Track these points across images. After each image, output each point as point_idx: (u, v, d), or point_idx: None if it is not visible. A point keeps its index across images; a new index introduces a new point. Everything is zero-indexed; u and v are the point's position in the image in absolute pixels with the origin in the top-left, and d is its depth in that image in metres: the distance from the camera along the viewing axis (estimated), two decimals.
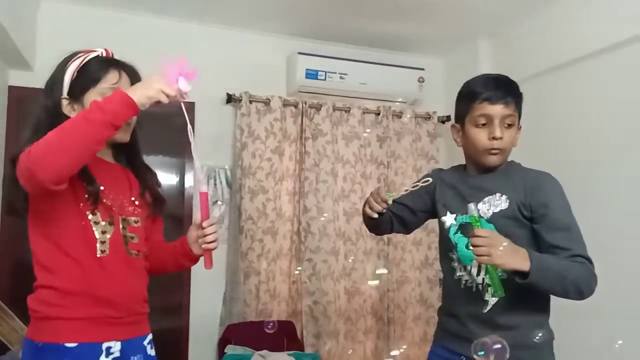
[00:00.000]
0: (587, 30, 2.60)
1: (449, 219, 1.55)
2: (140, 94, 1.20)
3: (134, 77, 1.41)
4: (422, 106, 3.52)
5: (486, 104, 1.46)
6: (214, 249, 1.39)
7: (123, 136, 1.39)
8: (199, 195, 1.36)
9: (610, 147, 2.51)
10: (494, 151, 1.47)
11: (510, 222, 1.44)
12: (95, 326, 1.31)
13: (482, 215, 1.46)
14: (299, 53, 3.17)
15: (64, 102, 1.35)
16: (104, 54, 1.41)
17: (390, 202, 1.45)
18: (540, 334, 1.40)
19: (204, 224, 1.37)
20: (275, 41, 3.31)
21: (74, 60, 1.37)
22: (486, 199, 1.48)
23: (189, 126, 1.34)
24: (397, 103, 3.43)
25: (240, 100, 3.10)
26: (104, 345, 1.32)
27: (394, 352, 3.17)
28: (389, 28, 3.20)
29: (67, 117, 1.31)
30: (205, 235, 1.37)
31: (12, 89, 2.78)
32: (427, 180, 1.51)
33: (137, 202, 1.45)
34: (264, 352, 2.67)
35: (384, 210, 1.48)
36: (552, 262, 1.35)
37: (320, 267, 3.16)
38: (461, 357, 1.50)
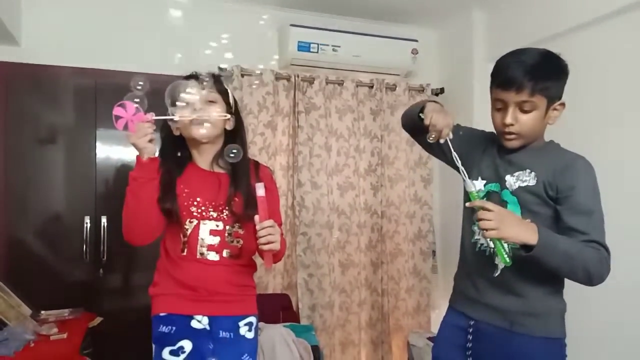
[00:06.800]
0: None
1: (479, 184, 1.56)
2: (136, 149, 1.51)
3: (199, 80, 1.60)
4: (415, 78, 3.50)
5: (499, 90, 1.44)
6: (267, 250, 1.48)
7: (197, 134, 1.59)
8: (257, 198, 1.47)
9: (609, 116, 2.50)
10: (507, 136, 1.47)
11: (533, 198, 1.44)
12: (180, 301, 1.60)
13: (507, 187, 1.48)
14: (291, 25, 3.12)
15: (173, 126, 1.62)
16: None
17: (451, 138, 1.46)
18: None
19: (257, 227, 1.46)
20: (266, 13, 3.26)
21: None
22: (516, 173, 1.48)
23: None
24: (391, 75, 3.40)
25: (232, 74, 3.07)
26: (194, 316, 1.60)
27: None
28: None
29: (180, 139, 1.65)
30: (259, 237, 1.47)
31: None
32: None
33: (220, 207, 1.62)
34: (261, 324, 2.69)
35: (431, 139, 1.48)
36: (562, 241, 1.34)
37: (315, 241, 3.18)
38: (471, 321, 1.54)
